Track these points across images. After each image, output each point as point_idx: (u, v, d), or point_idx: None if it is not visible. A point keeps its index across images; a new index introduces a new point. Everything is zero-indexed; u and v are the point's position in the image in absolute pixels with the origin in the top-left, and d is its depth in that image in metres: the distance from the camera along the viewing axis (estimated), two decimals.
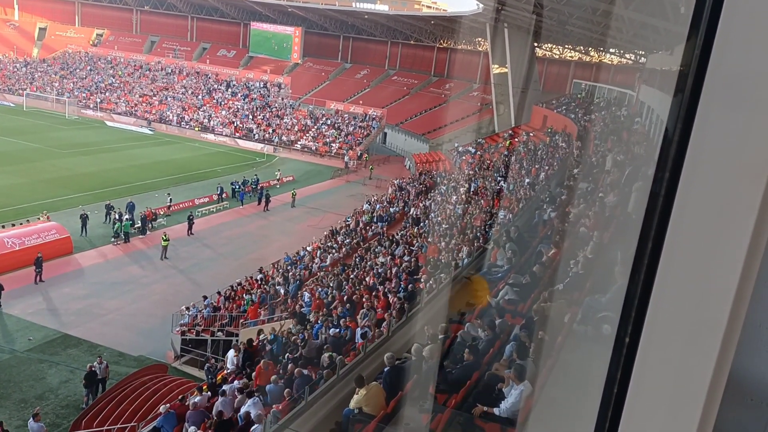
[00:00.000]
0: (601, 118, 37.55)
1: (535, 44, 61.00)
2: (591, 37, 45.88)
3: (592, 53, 64.24)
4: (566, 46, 65.62)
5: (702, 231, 0.95)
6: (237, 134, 65.97)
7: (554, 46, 69.04)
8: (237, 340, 20.72)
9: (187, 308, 23.16)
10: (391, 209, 37.64)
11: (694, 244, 0.96)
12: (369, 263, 25.15)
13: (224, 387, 15.11)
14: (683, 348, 0.97)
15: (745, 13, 0.90)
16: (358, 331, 14.91)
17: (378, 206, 38.22)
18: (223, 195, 42.15)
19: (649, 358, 1.00)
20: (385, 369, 10.00)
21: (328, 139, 65.10)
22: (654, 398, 1.01)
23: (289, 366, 13.66)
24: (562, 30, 46.79)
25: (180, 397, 15.14)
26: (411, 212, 35.40)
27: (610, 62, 62.83)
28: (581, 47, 62.07)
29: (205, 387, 16.17)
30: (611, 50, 52.79)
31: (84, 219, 32.16)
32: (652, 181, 1.01)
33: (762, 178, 0.91)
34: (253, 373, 14.72)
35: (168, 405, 14.66)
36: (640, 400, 1.02)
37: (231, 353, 17.71)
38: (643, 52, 39.90)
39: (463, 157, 49.52)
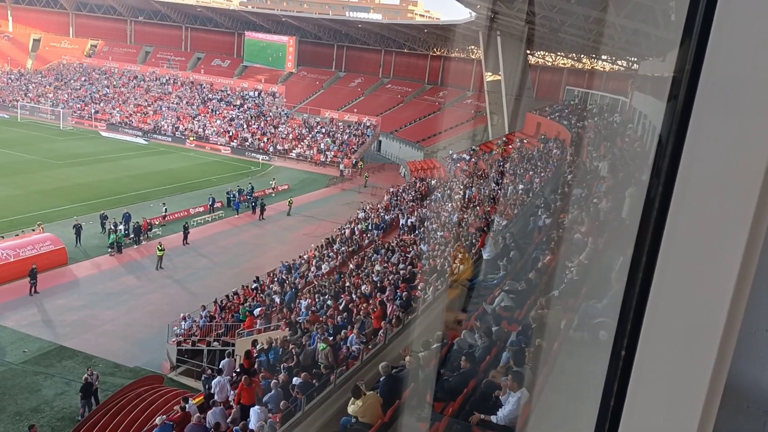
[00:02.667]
0: (594, 124, 37.71)
1: (528, 52, 61.28)
2: (583, 44, 46.13)
3: (584, 60, 64.57)
4: (559, 53, 65.94)
5: (697, 237, 0.95)
6: (232, 143, 65.94)
7: (547, 54, 69.36)
8: (233, 350, 20.63)
9: (184, 318, 23.05)
10: (386, 217, 37.63)
11: (689, 251, 0.96)
12: (365, 271, 25.12)
13: (216, 398, 15.03)
14: (680, 355, 0.97)
15: (736, 20, 0.90)
16: (354, 338, 14.87)
17: (373, 214, 38.22)
18: (215, 205, 41.92)
19: (646, 365, 0.99)
20: (382, 378, 9.97)
21: (322, 147, 65.15)
22: (652, 405, 1.00)
23: (281, 376, 13.56)
24: (555, 37, 47.05)
25: (175, 408, 15.04)
26: (406, 219, 35.41)
27: (602, 69, 63.18)
28: (574, 54, 62.38)
29: (199, 398, 16.07)
30: (603, 57, 53.09)
31: (77, 229, 32.02)
32: (647, 188, 1.00)
33: (756, 182, 0.91)
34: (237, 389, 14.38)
35: (164, 416, 14.55)
36: (637, 408, 1.01)
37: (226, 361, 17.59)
38: (636, 59, 40.13)
39: (458, 164, 49.62)
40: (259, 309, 22.80)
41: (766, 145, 0.89)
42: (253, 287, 26.12)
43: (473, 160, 49.62)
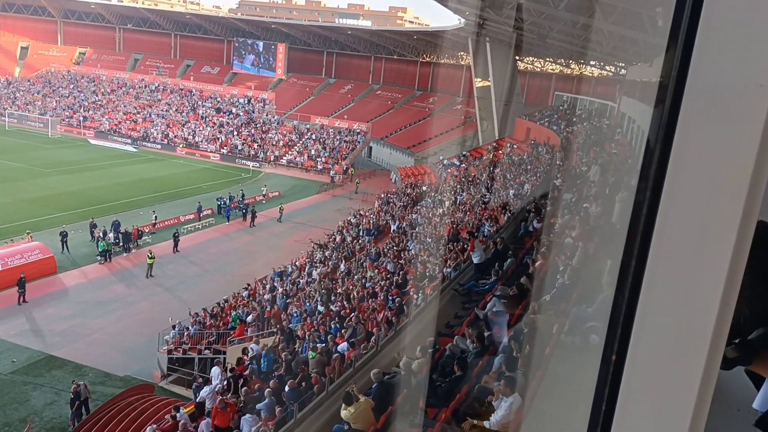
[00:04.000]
0: (583, 129, 37.95)
1: (517, 57, 61.64)
2: (571, 50, 46.44)
3: (573, 66, 64.99)
4: (547, 59, 66.34)
5: (686, 241, 0.96)
6: (222, 150, 65.79)
7: (536, 59, 69.77)
8: (224, 358, 20.52)
9: (174, 326, 22.91)
10: (378, 222, 37.61)
11: (678, 255, 0.96)
12: (357, 277, 25.09)
13: (207, 406, 14.92)
14: (670, 360, 0.97)
15: (721, 26, 0.91)
16: (347, 345, 14.84)
17: (365, 220, 38.19)
18: (205, 212, 41.54)
19: (636, 370, 1.00)
20: (374, 385, 9.95)
21: (313, 153, 65.12)
22: (642, 410, 1.00)
23: (273, 383, 13.50)
24: (543, 43, 47.33)
25: (166, 417, 14.91)
26: (398, 225, 35.41)
27: (591, 74, 63.63)
28: (562, 60, 62.80)
29: (190, 407, 15.96)
30: (592, 63, 53.47)
31: (63, 236, 31.69)
32: (635, 192, 1.01)
33: (743, 187, 0.91)
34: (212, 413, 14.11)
35: (155, 426, 14.44)
36: (628, 413, 1.02)
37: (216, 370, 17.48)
38: (623, 64, 40.45)
39: (449, 170, 49.73)
40: (250, 316, 22.71)
41: (751, 149, 0.90)
42: (244, 294, 25.99)
43: (464, 165, 49.76)
